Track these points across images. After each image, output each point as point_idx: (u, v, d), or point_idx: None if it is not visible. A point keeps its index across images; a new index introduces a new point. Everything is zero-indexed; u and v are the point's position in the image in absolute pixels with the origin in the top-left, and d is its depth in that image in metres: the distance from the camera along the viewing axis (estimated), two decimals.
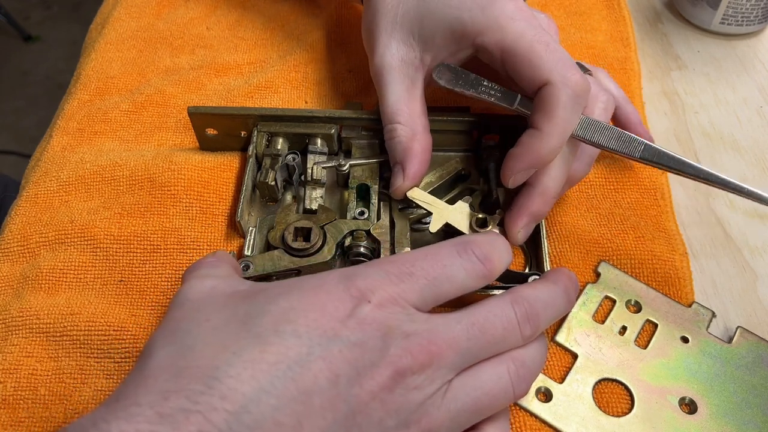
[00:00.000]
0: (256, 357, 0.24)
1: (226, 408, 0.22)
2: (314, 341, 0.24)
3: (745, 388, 0.33)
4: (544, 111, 0.34)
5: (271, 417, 0.23)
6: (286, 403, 0.23)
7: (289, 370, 0.23)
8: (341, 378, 0.24)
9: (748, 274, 0.40)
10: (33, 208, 0.41)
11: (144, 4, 0.56)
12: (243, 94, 0.48)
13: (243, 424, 0.22)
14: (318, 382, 0.24)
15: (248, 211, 0.40)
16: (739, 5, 0.51)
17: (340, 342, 0.24)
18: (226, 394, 0.23)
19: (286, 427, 0.23)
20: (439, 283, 0.27)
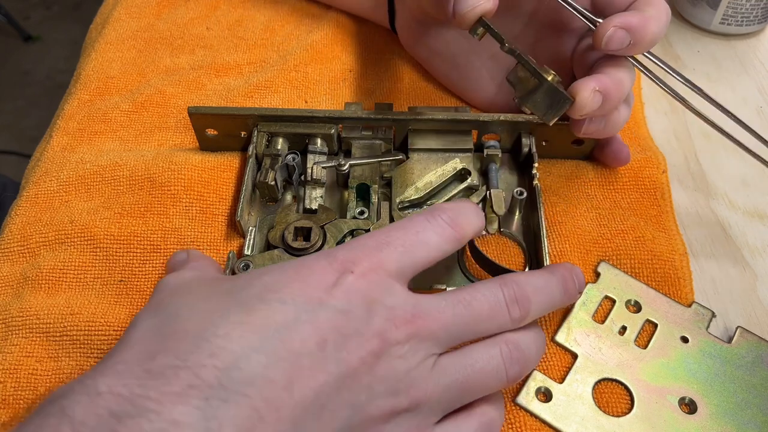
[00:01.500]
0: (244, 320, 0.24)
1: (216, 364, 0.22)
2: (300, 308, 0.24)
3: (745, 388, 0.33)
4: None
5: (262, 374, 0.22)
6: (275, 361, 0.23)
7: (276, 332, 0.23)
8: (329, 343, 0.24)
9: (748, 274, 0.40)
10: (33, 208, 0.41)
11: (144, 4, 0.56)
12: (243, 94, 0.48)
13: (233, 380, 0.22)
14: (306, 345, 0.24)
15: (248, 210, 0.40)
16: (739, 5, 0.51)
17: (326, 309, 0.25)
18: (215, 352, 0.22)
19: (276, 384, 0.23)
20: (414, 249, 0.28)
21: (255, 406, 0.22)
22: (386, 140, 0.42)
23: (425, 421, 0.26)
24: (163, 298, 0.26)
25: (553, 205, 0.41)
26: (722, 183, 0.44)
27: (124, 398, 0.21)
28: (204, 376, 0.22)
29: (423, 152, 0.42)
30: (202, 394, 0.21)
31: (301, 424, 0.23)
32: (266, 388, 0.22)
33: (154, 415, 0.21)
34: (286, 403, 0.22)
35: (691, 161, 0.46)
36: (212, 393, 0.22)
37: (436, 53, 0.46)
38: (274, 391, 0.22)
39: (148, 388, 0.21)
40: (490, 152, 0.41)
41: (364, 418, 0.24)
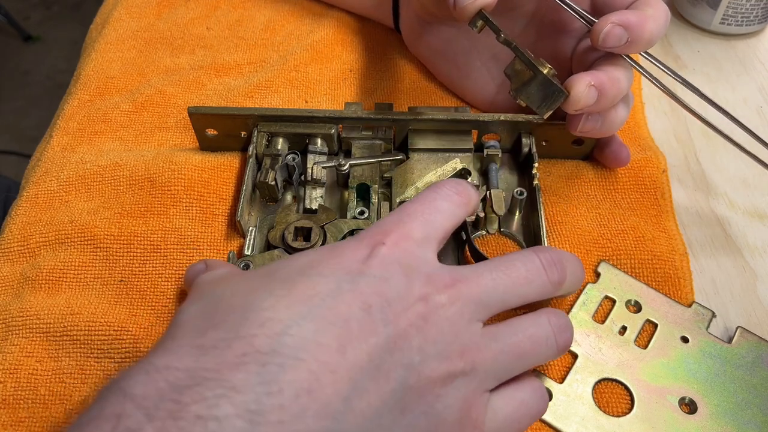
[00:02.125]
0: (288, 293, 0.24)
1: (267, 333, 0.22)
2: (341, 278, 0.25)
3: (745, 388, 0.33)
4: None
5: (313, 339, 0.23)
6: (325, 326, 0.23)
7: (321, 301, 0.24)
8: (374, 308, 0.24)
9: (748, 274, 0.40)
10: (33, 208, 0.41)
11: (144, 4, 0.56)
12: (243, 94, 0.48)
13: (286, 346, 0.22)
14: (352, 310, 0.24)
15: (248, 211, 0.40)
16: (739, 5, 0.51)
17: (366, 277, 0.25)
18: (264, 322, 0.23)
19: (329, 347, 0.23)
20: (433, 216, 0.29)
21: (311, 369, 0.22)
22: (386, 140, 0.42)
23: (481, 386, 0.26)
24: (204, 288, 0.27)
25: (553, 205, 0.41)
26: (722, 183, 0.44)
27: (182, 371, 0.21)
28: (257, 345, 0.22)
29: (423, 152, 0.42)
30: (257, 360, 0.22)
31: (358, 384, 0.23)
32: (319, 352, 0.22)
33: (213, 383, 0.21)
34: (341, 365, 0.23)
35: (691, 161, 0.46)
36: (267, 359, 0.22)
37: (438, 52, 0.46)
38: (328, 354, 0.23)
39: (204, 360, 0.22)
40: (490, 152, 0.41)
41: (420, 379, 0.24)
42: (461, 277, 0.27)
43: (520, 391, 0.28)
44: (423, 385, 0.24)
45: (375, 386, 0.23)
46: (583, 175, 0.42)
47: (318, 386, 0.22)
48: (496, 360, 0.27)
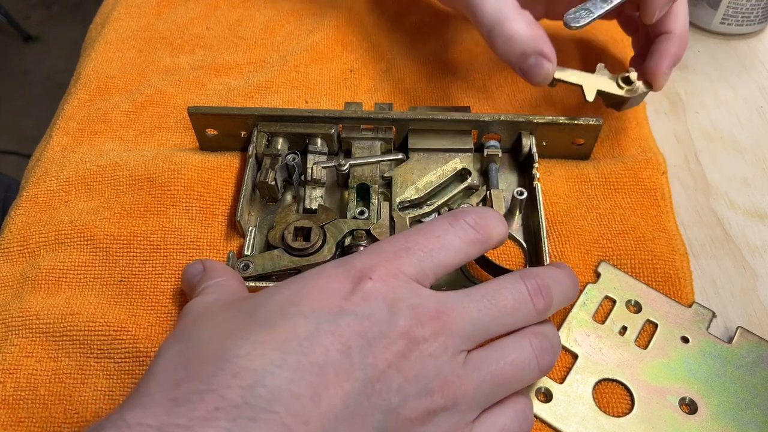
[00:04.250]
0: (265, 338, 0.23)
1: (240, 384, 0.22)
2: (321, 318, 0.24)
3: (745, 389, 0.33)
4: None
5: (287, 389, 0.22)
6: (300, 375, 0.23)
7: (299, 345, 0.23)
8: (353, 349, 0.24)
9: (748, 274, 0.40)
10: (33, 208, 0.41)
11: (144, 4, 0.56)
12: (243, 94, 0.48)
13: (259, 398, 0.22)
14: (330, 354, 0.23)
15: (248, 211, 0.40)
16: (739, 5, 0.51)
17: (347, 316, 0.24)
18: (238, 372, 0.22)
19: (303, 397, 0.22)
20: (436, 252, 0.28)
21: (283, 422, 0.22)
22: (386, 140, 0.42)
23: (463, 420, 0.26)
24: (187, 325, 0.26)
25: (553, 205, 0.41)
26: (722, 183, 0.44)
27: (153, 428, 0.21)
28: (229, 397, 0.22)
29: (423, 152, 0.42)
30: (229, 415, 0.21)
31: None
32: (293, 403, 0.22)
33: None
34: (314, 415, 0.22)
35: (691, 161, 0.46)
36: (239, 413, 0.21)
37: None
38: (301, 404, 0.22)
39: (175, 416, 0.21)
40: (490, 152, 0.41)
41: (399, 421, 0.24)
42: (447, 309, 0.26)
43: (502, 416, 0.28)
44: (402, 426, 0.24)
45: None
46: (583, 175, 0.42)
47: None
48: (478, 390, 0.26)
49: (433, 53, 0.51)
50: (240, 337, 0.24)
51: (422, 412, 0.24)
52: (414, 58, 0.51)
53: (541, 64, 0.38)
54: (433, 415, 0.25)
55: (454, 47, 0.51)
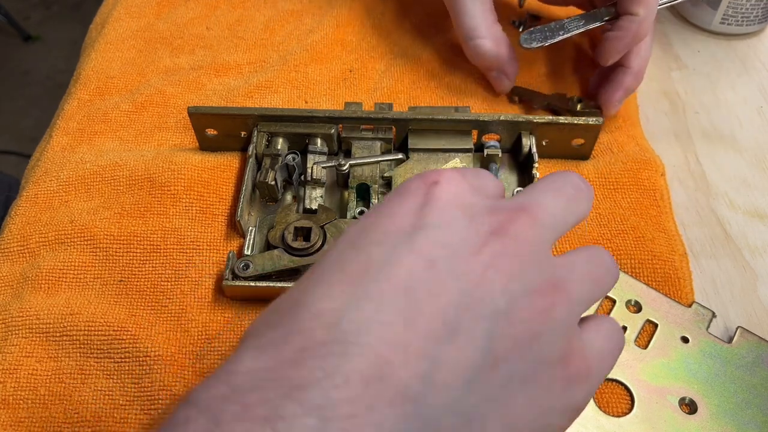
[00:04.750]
0: (339, 277, 0.22)
1: (322, 323, 0.20)
2: (395, 240, 0.22)
3: (745, 389, 0.33)
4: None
5: (375, 319, 0.20)
6: (386, 302, 0.21)
7: (378, 273, 0.21)
8: (438, 261, 0.22)
9: (748, 274, 0.40)
10: (33, 208, 0.41)
11: (144, 4, 0.56)
12: (243, 94, 0.48)
13: (345, 332, 0.20)
14: (414, 273, 0.21)
15: (248, 210, 0.40)
16: (739, 5, 0.51)
17: (423, 230, 0.22)
18: (318, 313, 0.21)
19: (395, 324, 0.20)
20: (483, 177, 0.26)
21: (378, 353, 0.20)
22: (386, 140, 0.42)
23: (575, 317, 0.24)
24: None
25: None
26: (722, 183, 0.44)
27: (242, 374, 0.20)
28: (314, 337, 0.20)
29: (423, 152, 0.42)
30: (316, 353, 0.20)
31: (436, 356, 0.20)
32: (384, 331, 0.20)
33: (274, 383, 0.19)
34: (412, 340, 0.20)
35: (691, 161, 0.46)
36: (327, 350, 0.20)
37: None
38: (394, 331, 0.20)
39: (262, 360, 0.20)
40: (490, 152, 0.41)
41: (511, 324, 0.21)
42: (525, 202, 0.24)
43: (603, 323, 0.26)
44: (516, 330, 0.21)
45: (458, 351, 0.21)
46: (583, 175, 0.42)
47: (389, 371, 0.20)
48: (582, 286, 0.24)
49: (433, 53, 0.51)
50: (313, 282, 0.22)
51: (536, 309, 0.22)
52: (414, 58, 0.51)
53: (501, 78, 0.46)
54: (547, 311, 0.22)
55: (454, 47, 0.51)
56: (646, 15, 0.40)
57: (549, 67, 0.50)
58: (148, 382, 0.34)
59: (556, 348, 0.22)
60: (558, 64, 0.50)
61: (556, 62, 0.50)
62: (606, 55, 0.42)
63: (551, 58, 0.50)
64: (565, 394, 0.23)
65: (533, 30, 0.43)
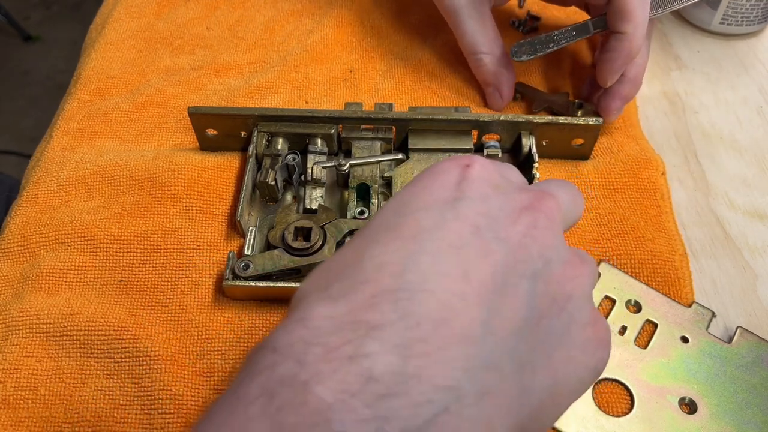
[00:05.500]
0: (394, 237, 0.23)
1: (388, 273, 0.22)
2: (441, 208, 0.24)
3: (745, 388, 0.33)
4: (623, 16, 0.40)
5: (434, 270, 0.22)
6: (442, 257, 0.23)
7: (429, 234, 0.23)
8: (482, 229, 0.24)
9: (748, 274, 0.40)
10: (33, 208, 0.41)
11: (144, 4, 0.56)
12: (243, 94, 0.48)
13: (411, 282, 0.22)
14: (462, 236, 0.23)
15: (248, 210, 0.40)
16: (739, 5, 0.51)
17: (464, 201, 0.25)
18: (381, 265, 0.22)
19: (452, 275, 0.22)
20: None
21: (441, 299, 0.22)
22: (386, 140, 0.42)
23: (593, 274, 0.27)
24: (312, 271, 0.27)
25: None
26: (722, 183, 0.44)
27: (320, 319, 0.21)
28: (383, 284, 0.22)
29: (423, 152, 0.42)
30: (388, 298, 0.21)
31: (491, 306, 0.22)
32: (444, 281, 0.22)
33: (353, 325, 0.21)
34: (469, 291, 0.22)
35: (691, 161, 0.46)
36: (396, 296, 0.21)
37: None
38: (453, 281, 0.22)
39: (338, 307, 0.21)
40: (490, 152, 0.41)
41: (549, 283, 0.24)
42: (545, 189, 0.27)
43: None
44: (553, 290, 0.24)
45: (507, 304, 0.23)
46: (583, 175, 0.42)
47: (453, 315, 0.21)
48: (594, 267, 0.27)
49: (433, 53, 0.51)
50: (369, 242, 0.24)
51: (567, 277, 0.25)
52: (414, 58, 0.51)
53: (495, 95, 0.47)
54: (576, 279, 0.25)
55: (454, 47, 0.51)
56: (635, 32, 0.40)
57: (549, 66, 0.50)
58: (148, 382, 0.34)
59: (585, 312, 0.25)
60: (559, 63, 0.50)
61: (557, 61, 0.50)
62: (603, 78, 0.42)
63: (552, 57, 0.50)
64: (596, 354, 0.25)
65: (523, 43, 0.44)
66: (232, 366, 0.35)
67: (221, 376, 0.34)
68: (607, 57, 0.41)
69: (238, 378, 0.21)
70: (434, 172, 0.26)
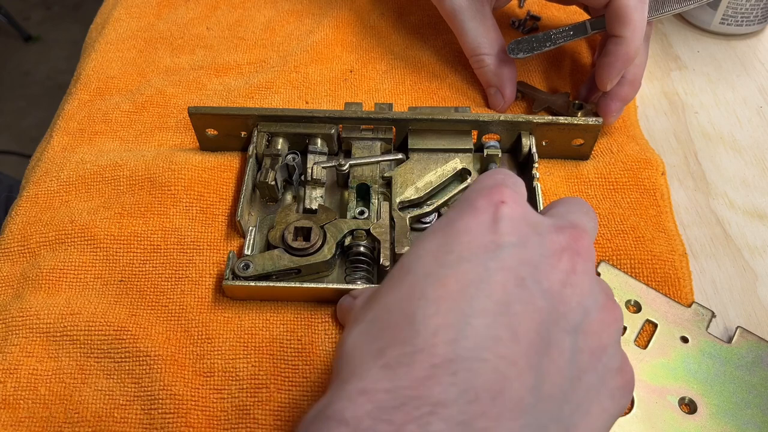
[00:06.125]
0: (442, 293, 0.23)
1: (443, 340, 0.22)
2: (483, 257, 0.24)
3: (744, 388, 0.33)
4: (620, 20, 0.40)
5: (487, 335, 0.22)
6: (493, 318, 0.22)
7: (477, 290, 0.23)
8: (526, 279, 0.23)
9: (748, 274, 0.40)
10: (33, 208, 0.41)
11: (144, 4, 0.56)
12: (243, 94, 0.48)
13: (466, 349, 0.21)
14: (508, 290, 0.23)
15: (248, 210, 0.40)
16: (739, 5, 0.51)
17: (506, 248, 0.24)
18: (436, 330, 0.22)
19: (504, 339, 0.22)
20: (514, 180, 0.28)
21: (496, 368, 0.21)
22: (386, 140, 0.42)
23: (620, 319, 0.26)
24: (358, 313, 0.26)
25: None
26: (722, 183, 0.44)
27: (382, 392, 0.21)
28: (440, 353, 0.21)
29: (423, 152, 0.42)
30: (447, 369, 0.21)
31: (539, 368, 0.22)
32: (497, 346, 0.22)
33: (417, 401, 0.21)
34: (519, 354, 0.22)
35: (691, 161, 0.46)
36: (456, 366, 0.21)
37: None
38: (505, 346, 0.22)
39: (397, 379, 0.21)
40: (490, 152, 0.41)
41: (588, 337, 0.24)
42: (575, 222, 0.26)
43: None
44: (591, 343, 0.24)
45: (553, 365, 0.22)
46: (583, 175, 0.43)
47: (507, 384, 0.21)
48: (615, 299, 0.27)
49: (433, 53, 0.51)
50: (418, 298, 0.23)
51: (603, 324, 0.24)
52: (414, 58, 0.51)
53: (497, 96, 0.47)
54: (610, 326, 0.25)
55: (454, 47, 0.51)
56: (633, 35, 0.40)
57: (550, 67, 0.50)
58: (148, 382, 0.34)
59: (616, 358, 0.25)
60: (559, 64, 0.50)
61: (557, 62, 0.50)
62: (603, 82, 0.42)
63: (553, 58, 0.50)
64: (621, 402, 0.25)
65: (520, 40, 0.44)
66: (233, 366, 0.35)
67: (221, 376, 0.34)
68: (606, 61, 0.41)
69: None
70: (466, 211, 0.26)
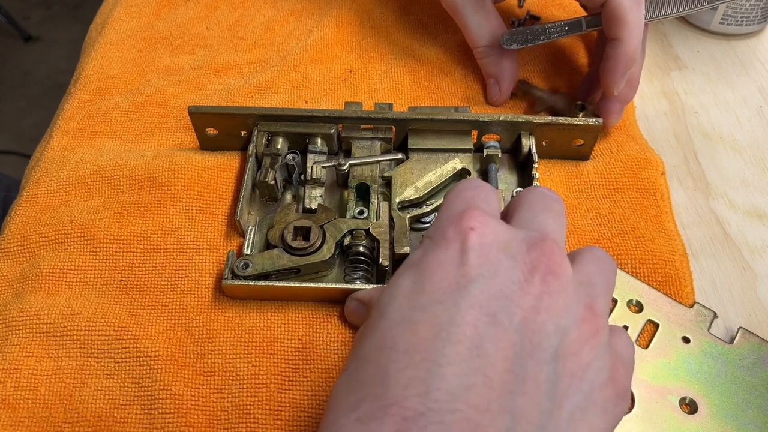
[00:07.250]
0: (413, 341, 0.22)
1: (415, 393, 0.21)
2: (454, 297, 0.23)
3: (745, 389, 0.33)
4: (617, 22, 0.39)
5: (459, 384, 0.21)
6: (464, 364, 0.22)
7: (448, 335, 0.22)
8: (498, 315, 0.23)
9: (748, 274, 0.40)
10: (33, 208, 0.41)
11: (144, 4, 0.56)
12: (243, 94, 0.48)
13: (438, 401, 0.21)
14: (479, 329, 0.22)
15: (248, 210, 0.40)
16: (739, 5, 0.51)
17: (476, 283, 0.23)
18: (407, 383, 0.22)
19: (476, 386, 0.21)
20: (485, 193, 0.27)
21: (467, 417, 0.21)
22: (386, 140, 0.42)
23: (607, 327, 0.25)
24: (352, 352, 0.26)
25: None
26: (722, 183, 0.44)
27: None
28: (410, 407, 0.21)
29: (423, 152, 0.42)
30: (418, 423, 0.21)
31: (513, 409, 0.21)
32: (469, 395, 0.21)
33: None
34: (493, 399, 0.21)
35: (691, 161, 0.46)
36: (426, 420, 0.21)
37: None
38: (477, 393, 0.21)
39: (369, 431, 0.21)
40: (490, 152, 0.41)
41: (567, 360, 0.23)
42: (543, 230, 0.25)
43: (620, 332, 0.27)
44: (571, 366, 0.23)
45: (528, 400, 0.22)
46: (583, 175, 0.43)
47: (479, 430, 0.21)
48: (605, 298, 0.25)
49: (433, 53, 0.51)
50: (389, 348, 0.23)
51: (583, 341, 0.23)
52: (414, 58, 0.51)
53: (494, 87, 0.47)
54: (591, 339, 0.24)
55: (454, 47, 0.51)
56: (630, 36, 0.40)
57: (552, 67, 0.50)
58: (149, 382, 0.34)
59: (604, 370, 0.24)
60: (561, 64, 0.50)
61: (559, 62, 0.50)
62: (609, 87, 0.42)
63: (554, 58, 0.50)
64: (615, 411, 0.24)
65: (515, 31, 0.44)
66: (233, 365, 0.35)
67: (221, 375, 0.34)
68: (609, 66, 0.41)
69: None
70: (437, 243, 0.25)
